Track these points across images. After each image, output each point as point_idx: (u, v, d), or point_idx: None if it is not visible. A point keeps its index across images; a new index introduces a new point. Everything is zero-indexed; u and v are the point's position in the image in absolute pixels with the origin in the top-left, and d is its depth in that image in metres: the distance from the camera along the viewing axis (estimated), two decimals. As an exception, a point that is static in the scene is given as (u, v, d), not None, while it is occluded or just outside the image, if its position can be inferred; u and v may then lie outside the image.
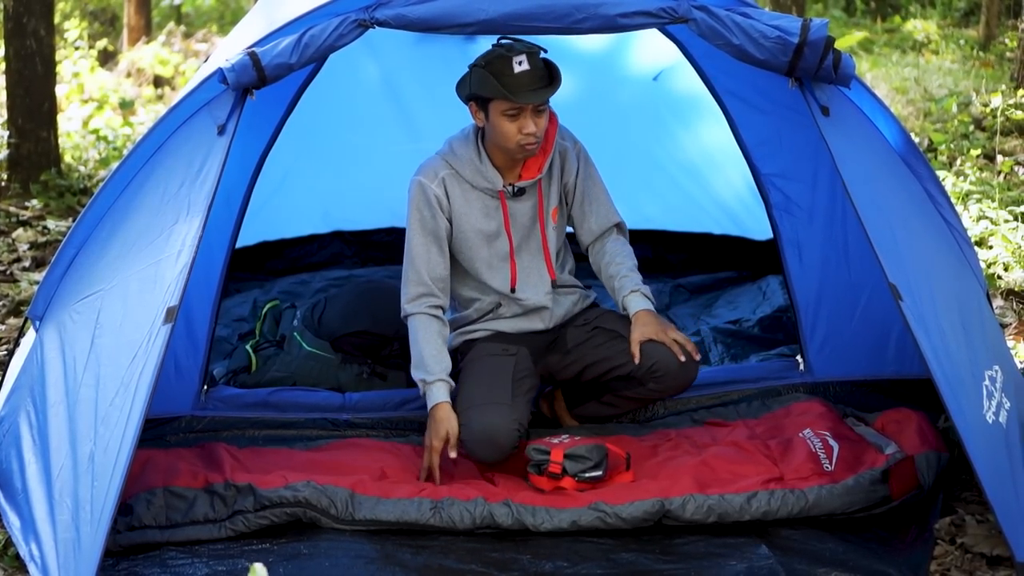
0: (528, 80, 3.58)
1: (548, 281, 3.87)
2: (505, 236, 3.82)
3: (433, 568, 3.24)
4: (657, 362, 3.71)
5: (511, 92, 3.56)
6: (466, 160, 3.77)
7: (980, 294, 3.78)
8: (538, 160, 3.79)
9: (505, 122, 3.63)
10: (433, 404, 3.66)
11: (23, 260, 6.32)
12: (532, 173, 3.80)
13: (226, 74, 3.42)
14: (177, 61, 12.15)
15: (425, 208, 3.76)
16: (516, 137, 3.64)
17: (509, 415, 3.63)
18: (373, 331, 4.31)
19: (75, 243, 3.65)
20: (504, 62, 3.58)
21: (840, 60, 3.46)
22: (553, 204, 3.85)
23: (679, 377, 3.76)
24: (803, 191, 4.06)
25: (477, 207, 3.80)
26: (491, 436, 3.60)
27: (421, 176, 3.79)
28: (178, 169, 3.47)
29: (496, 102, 3.62)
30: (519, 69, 3.57)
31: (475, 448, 3.64)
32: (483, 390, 3.69)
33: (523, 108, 3.60)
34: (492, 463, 3.68)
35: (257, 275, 5.51)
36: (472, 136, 3.79)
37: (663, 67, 5.18)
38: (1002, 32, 11.43)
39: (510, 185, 3.79)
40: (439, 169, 3.79)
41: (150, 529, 3.39)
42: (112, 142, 8.88)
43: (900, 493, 3.50)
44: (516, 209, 3.82)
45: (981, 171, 7.04)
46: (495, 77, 3.58)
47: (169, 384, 3.76)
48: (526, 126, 3.62)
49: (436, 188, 3.76)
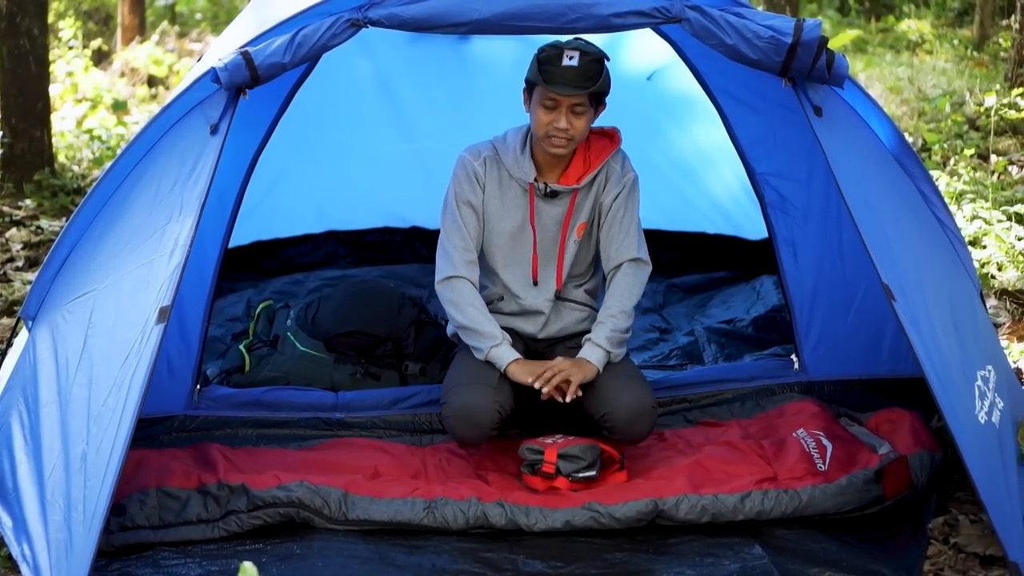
0: (570, 76, 3.61)
1: (553, 289, 3.87)
2: (529, 231, 3.84)
3: (426, 568, 3.24)
4: (608, 413, 3.69)
5: (547, 80, 3.61)
6: (511, 148, 3.82)
7: (974, 294, 3.78)
8: (578, 170, 3.81)
9: (541, 111, 3.68)
10: (508, 363, 3.69)
11: (16, 260, 6.31)
12: (570, 181, 3.82)
13: (219, 73, 3.41)
14: (171, 61, 12.13)
15: (465, 181, 3.83)
16: (546, 128, 3.67)
17: (491, 396, 3.64)
18: (367, 331, 4.31)
19: (68, 243, 3.64)
20: (556, 53, 3.64)
21: (833, 60, 3.46)
22: (582, 219, 3.85)
23: (627, 432, 3.70)
24: (798, 190, 4.06)
25: (508, 195, 3.83)
26: (471, 414, 3.62)
27: (467, 152, 3.87)
28: (171, 168, 3.46)
29: (538, 89, 3.68)
30: (567, 63, 3.62)
31: (455, 426, 3.66)
32: (469, 371, 3.72)
33: (560, 102, 3.64)
34: (471, 443, 3.68)
35: (251, 275, 5.50)
36: (524, 129, 3.85)
37: (657, 67, 5.18)
38: (996, 32, 11.44)
39: (543, 183, 3.80)
40: (483, 150, 3.86)
41: (143, 529, 3.38)
42: (106, 142, 8.87)
43: (894, 493, 3.50)
44: (544, 210, 3.84)
45: (975, 171, 7.05)
46: (541, 64, 3.64)
47: (162, 384, 3.75)
48: (558, 120, 3.65)
49: (477, 166, 3.83)
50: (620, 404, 3.68)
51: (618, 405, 3.68)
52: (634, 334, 4.15)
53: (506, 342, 3.75)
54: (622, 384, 3.72)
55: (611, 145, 3.85)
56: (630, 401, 3.68)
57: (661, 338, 4.86)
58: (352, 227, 5.76)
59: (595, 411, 3.73)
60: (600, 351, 3.74)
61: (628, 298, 3.81)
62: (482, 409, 3.63)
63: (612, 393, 3.70)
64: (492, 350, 3.73)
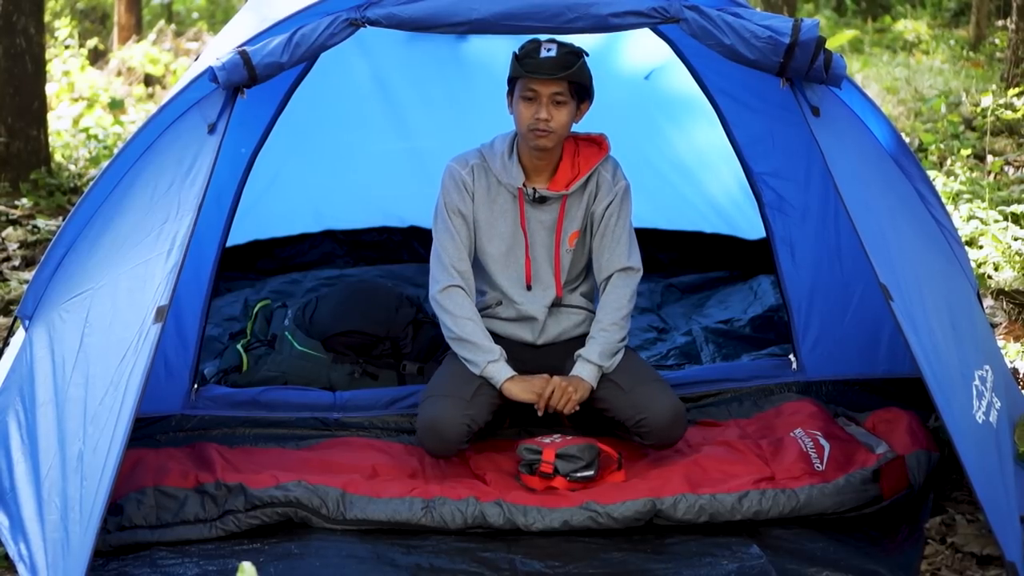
0: (549, 65, 3.62)
1: (552, 296, 3.87)
2: (521, 235, 3.83)
3: (424, 568, 3.24)
4: (645, 418, 3.67)
5: (526, 69, 3.62)
6: (498, 154, 3.81)
7: (971, 294, 3.78)
8: (567, 175, 3.80)
9: (522, 105, 3.68)
10: (503, 380, 3.69)
11: (12, 259, 6.30)
12: (558, 186, 3.80)
13: (217, 73, 3.41)
14: (168, 60, 12.12)
15: (454, 190, 3.81)
16: (528, 121, 3.66)
17: (460, 409, 3.63)
18: (364, 330, 4.30)
19: (65, 242, 3.63)
20: (534, 46, 3.66)
21: (831, 60, 3.46)
22: (574, 228, 3.84)
23: (663, 436, 3.69)
24: (796, 190, 4.06)
25: (498, 202, 3.82)
26: (436, 428, 3.60)
27: (454, 162, 3.86)
28: (168, 168, 3.46)
29: (518, 83, 3.68)
30: (545, 55, 3.63)
31: (422, 438, 3.66)
32: (445, 383, 3.72)
33: (538, 92, 3.64)
34: (439, 456, 3.67)
35: (248, 274, 5.49)
36: (511, 134, 3.84)
37: (654, 66, 5.18)
38: (992, 32, 11.46)
39: (532, 188, 3.79)
40: (470, 158, 3.85)
41: (140, 529, 3.38)
42: (102, 140, 8.86)
43: (891, 492, 3.51)
44: (534, 215, 3.82)
45: (971, 171, 7.05)
46: (521, 59, 3.65)
47: (159, 383, 3.75)
48: (539, 111, 3.65)
49: (465, 174, 3.82)
50: (657, 409, 3.66)
51: (655, 409, 3.66)
52: (632, 334, 4.15)
53: (503, 358, 3.74)
54: (653, 389, 3.72)
55: (600, 152, 3.84)
56: (666, 406, 3.67)
57: (659, 338, 4.86)
58: (350, 226, 5.76)
59: (628, 417, 3.70)
60: (592, 367, 3.73)
61: (618, 309, 3.80)
62: (449, 424, 3.60)
63: (646, 399, 3.68)
64: (489, 366, 3.71)
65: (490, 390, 3.73)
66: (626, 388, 3.71)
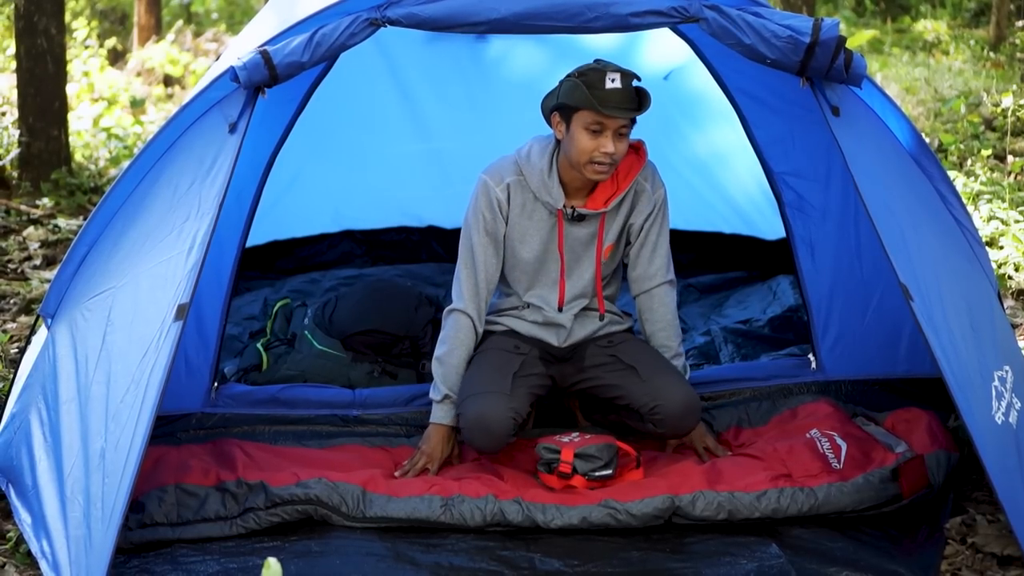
0: (618, 98, 3.53)
1: (596, 315, 3.86)
2: (557, 256, 3.78)
3: (443, 566, 3.24)
4: (659, 406, 3.68)
5: (600, 103, 3.52)
6: (537, 170, 3.72)
7: (991, 294, 3.77)
8: (606, 192, 3.74)
9: (585, 136, 3.57)
10: (434, 423, 3.72)
11: (34, 258, 6.33)
12: (597, 204, 3.74)
13: (238, 72, 3.42)
14: (187, 60, 12.16)
15: (487, 210, 3.74)
16: (591, 154, 3.58)
17: (505, 404, 3.63)
18: (383, 330, 4.32)
19: (87, 241, 3.65)
20: (598, 75, 3.55)
21: (851, 60, 3.45)
22: (610, 241, 3.80)
23: (677, 425, 3.71)
24: (816, 190, 4.05)
25: (534, 219, 3.76)
26: (485, 424, 3.60)
27: (488, 176, 3.76)
28: (189, 167, 3.47)
29: (582, 113, 3.57)
30: (611, 85, 3.54)
31: (471, 436, 3.64)
32: (484, 380, 3.70)
33: (606, 125, 3.55)
34: (487, 452, 3.68)
35: (267, 274, 5.51)
36: (550, 147, 3.73)
37: (674, 66, 5.17)
38: (1012, 33, 11.41)
39: (571, 208, 3.74)
40: (506, 174, 3.75)
41: (161, 526, 3.39)
42: (123, 140, 8.89)
43: (910, 492, 3.50)
44: (571, 232, 3.77)
45: (991, 171, 7.03)
46: (587, 88, 3.54)
47: (180, 381, 3.76)
48: (605, 145, 3.56)
49: (500, 192, 3.73)
50: (672, 398, 3.67)
51: (670, 398, 3.67)
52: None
53: (453, 401, 3.72)
54: (669, 379, 3.73)
55: (638, 162, 3.76)
56: (681, 395, 3.68)
57: (677, 338, 4.85)
58: (368, 226, 5.76)
59: (642, 404, 3.70)
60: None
61: (676, 326, 3.87)
62: (496, 419, 3.60)
63: (661, 388, 3.69)
64: (444, 401, 3.72)
65: (526, 381, 3.74)
66: (644, 376, 3.72)
